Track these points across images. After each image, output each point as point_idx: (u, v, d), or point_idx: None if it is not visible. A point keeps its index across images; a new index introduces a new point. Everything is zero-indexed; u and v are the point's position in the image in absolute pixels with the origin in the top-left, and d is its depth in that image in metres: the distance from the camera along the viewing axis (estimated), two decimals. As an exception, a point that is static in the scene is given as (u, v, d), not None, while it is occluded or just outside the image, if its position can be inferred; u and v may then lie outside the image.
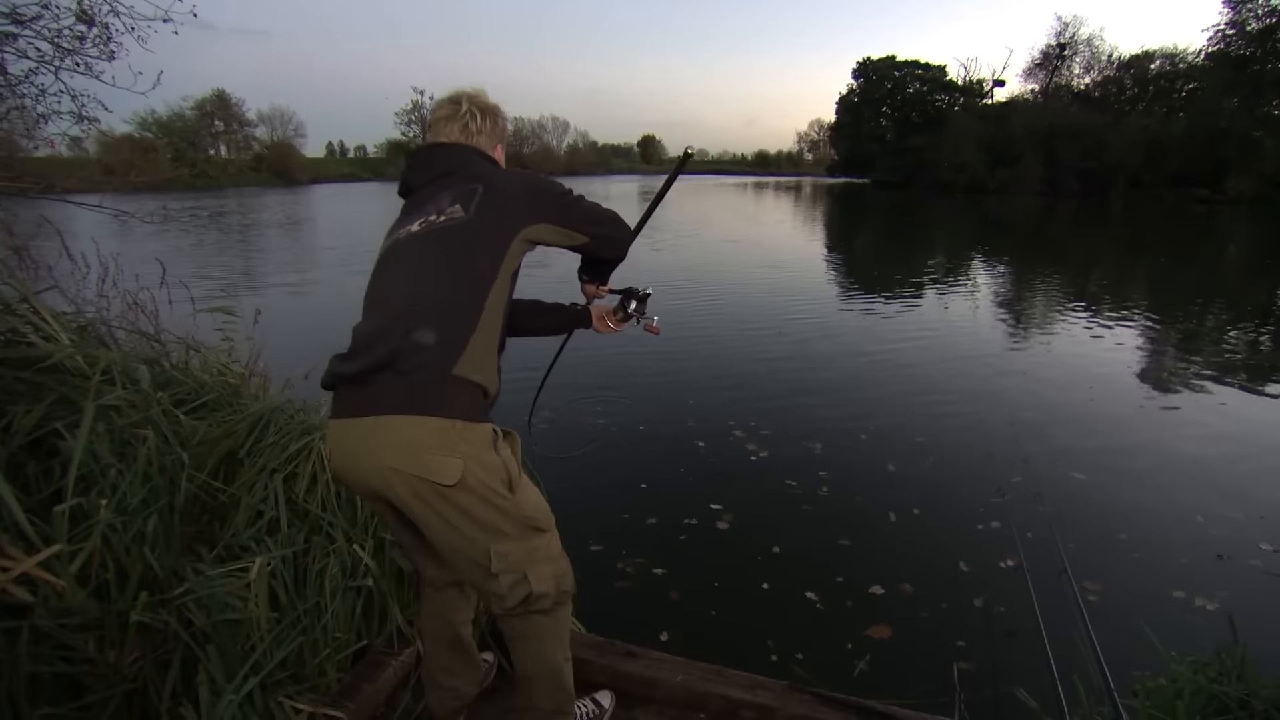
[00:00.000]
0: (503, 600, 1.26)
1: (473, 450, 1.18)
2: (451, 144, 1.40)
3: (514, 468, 1.27)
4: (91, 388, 1.93)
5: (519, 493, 1.27)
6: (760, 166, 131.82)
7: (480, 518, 1.20)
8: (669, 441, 4.18)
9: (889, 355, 6.32)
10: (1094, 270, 12.89)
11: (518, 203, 1.28)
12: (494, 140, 1.45)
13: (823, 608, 2.60)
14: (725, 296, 9.03)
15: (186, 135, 56.40)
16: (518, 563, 1.24)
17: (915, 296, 9.43)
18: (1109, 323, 7.78)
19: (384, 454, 1.14)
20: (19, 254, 2.60)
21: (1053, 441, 4.22)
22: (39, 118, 3.72)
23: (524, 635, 1.36)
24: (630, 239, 1.51)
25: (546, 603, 1.30)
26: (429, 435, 1.14)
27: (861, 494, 3.49)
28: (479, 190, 1.27)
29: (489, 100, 1.46)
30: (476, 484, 1.17)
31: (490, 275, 1.23)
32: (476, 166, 1.35)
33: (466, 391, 1.20)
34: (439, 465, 1.14)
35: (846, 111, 61.00)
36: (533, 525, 1.28)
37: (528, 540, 1.27)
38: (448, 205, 1.27)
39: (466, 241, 1.23)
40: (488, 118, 1.43)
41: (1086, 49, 50.07)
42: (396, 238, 1.31)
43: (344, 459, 1.21)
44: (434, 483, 1.14)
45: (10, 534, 1.51)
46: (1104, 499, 3.45)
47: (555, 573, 1.32)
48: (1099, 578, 2.68)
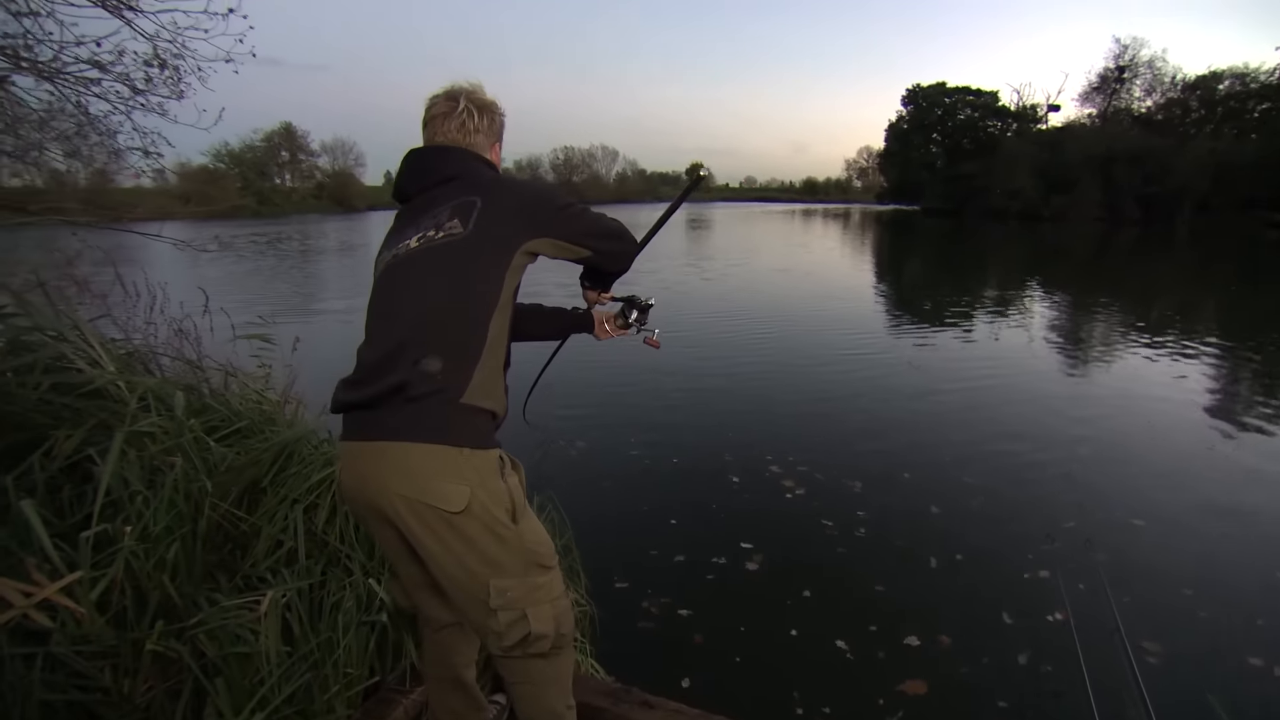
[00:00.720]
0: (500, 639, 1.22)
1: (479, 477, 1.17)
2: (449, 147, 1.34)
3: (519, 496, 1.26)
4: (127, 414, 2.00)
5: (522, 523, 1.24)
6: (808, 194, 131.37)
7: (483, 548, 1.18)
8: (703, 475, 4.10)
9: (937, 389, 6.09)
10: (1157, 299, 12.26)
11: (517, 216, 1.24)
12: (491, 139, 1.40)
13: (853, 658, 2.46)
14: (772, 327, 8.91)
15: (255, 165, 59.60)
16: (517, 600, 1.21)
17: (967, 327, 9.11)
18: (1173, 356, 7.33)
19: (391, 479, 1.15)
20: (78, 283, 2.73)
21: (1109, 483, 3.97)
22: (113, 154, 4.00)
23: (522, 680, 1.32)
24: (636, 252, 1.46)
25: (545, 645, 1.26)
26: (437, 462, 1.14)
27: (901, 537, 3.33)
28: (477, 204, 1.23)
29: (486, 97, 1.39)
30: (482, 511, 1.16)
31: (494, 297, 1.21)
32: (475, 173, 1.31)
33: (475, 418, 1.20)
34: (446, 491, 1.14)
35: (896, 138, 60.43)
36: (535, 560, 1.25)
37: (529, 577, 1.23)
38: (446, 220, 1.22)
39: (466, 262, 1.20)
40: (484, 115, 1.37)
41: (1148, 71, 48.52)
42: (395, 253, 1.26)
43: (353, 480, 1.22)
44: (440, 509, 1.14)
45: (37, 558, 1.55)
46: (1166, 549, 3.21)
47: (556, 613, 1.27)
48: (1159, 637, 2.47)
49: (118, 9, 3.17)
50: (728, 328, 8.72)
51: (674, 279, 13.24)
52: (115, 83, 3.52)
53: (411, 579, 1.38)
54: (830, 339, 8.24)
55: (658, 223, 1.58)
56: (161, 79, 3.60)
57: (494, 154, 1.41)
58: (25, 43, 3.00)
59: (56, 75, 3.27)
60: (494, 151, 1.42)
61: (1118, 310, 10.73)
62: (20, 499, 1.60)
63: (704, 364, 6.88)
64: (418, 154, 1.35)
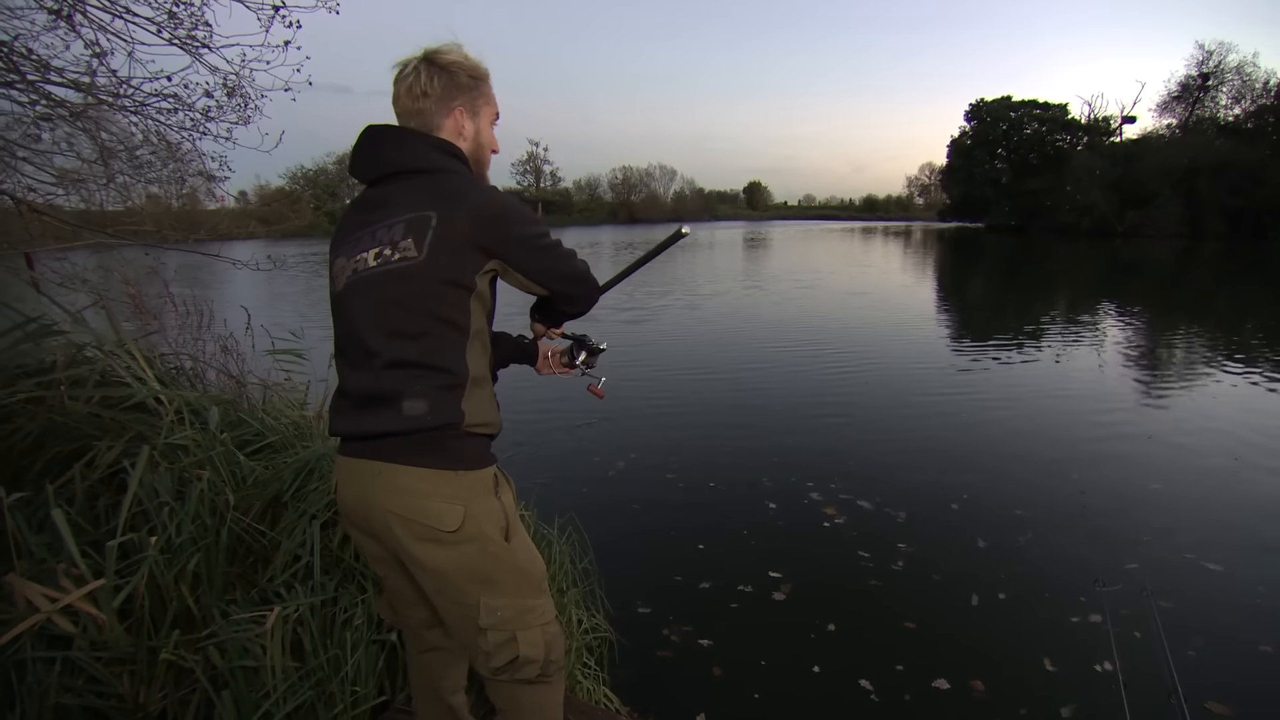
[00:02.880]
0: (489, 659, 1.22)
1: (472, 496, 1.18)
2: (404, 131, 1.24)
3: (512, 515, 1.25)
4: (163, 427, 2.09)
5: (514, 540, 1.24)
6: (868, 211, 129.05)
7: (475, 566, 1.18)
8: (738, 501, 4.00)
9: (993, 414, 5.79)
10: (1246, 320, 11.35)
11: (471, 239, 1.15)
12: (445, 104, 1.23)
13: (878, 699, 2.33)
14: (825, 350, 8.63)
15: (328, 186, 62.75)
16: (508, 621, 1.21)
17: (1033, 348, 8.60)
18: (1264, 382, 6.75)
19: (386, 497, 1.16)
20: (134, 300, 2.90)
21: (1181, 524, 3.65)
22: (197, 177, 4.31)
23: (509, 707, 1.32)
24: (596, 297, 1.38)
25: (533, 670, 1.25)
26: (430, 484, 1.15)
27: (941, 571, 3.15)
28: (431, 222, 1.13)
29: (449, 55, 1.23)
30: (475, 530, 1.17)
31: (464, 327, 1.18)
32: (430, 170, 1.19)
33: (471, 443, 1.20)
34: (440, 510, 1.15)
35: (959, 154, 58.68)
36: (527, 581, 1.24)
37: (521, 599, 1.23)
38: (400, 238, 1.14)
39: (429, 297, 1.14)
40: (435, 76, 1.21)
41: (1236, 77, 45.54)
42: (355, 269, 1.19)
43: (349, 496, 1.23)
44: (434, 527, 1.15)
45: (66, 565, 1.63)
46: (1238, 597, 2.92)
47: (546, 639, 1.26)
48: (1228, 698, 2.24)
49: (192, 46, 3.43)
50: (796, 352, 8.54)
51: (740, 303, 13.17)
52: (190, 112, 3.79)
53: (399, 595, 1.38)
54: (888, 363, 7.93)
55: (627, 270, 1.54)
56: (230, 106, 3.86)
57: (454, 118, 1.25)
58: (113, 80, 3.27)
59: (140, 108, 3.55)
60: (454, 116, 1.25)
61: (1198, 332, 10.01)
62: (57, 507, 1.69)
63: (757, 388, 6.79)
64: (368, 134, 1.25)
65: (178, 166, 4.14)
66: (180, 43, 3.40)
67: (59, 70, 3.22)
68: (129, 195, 4.26)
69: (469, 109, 1.26)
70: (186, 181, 4.24)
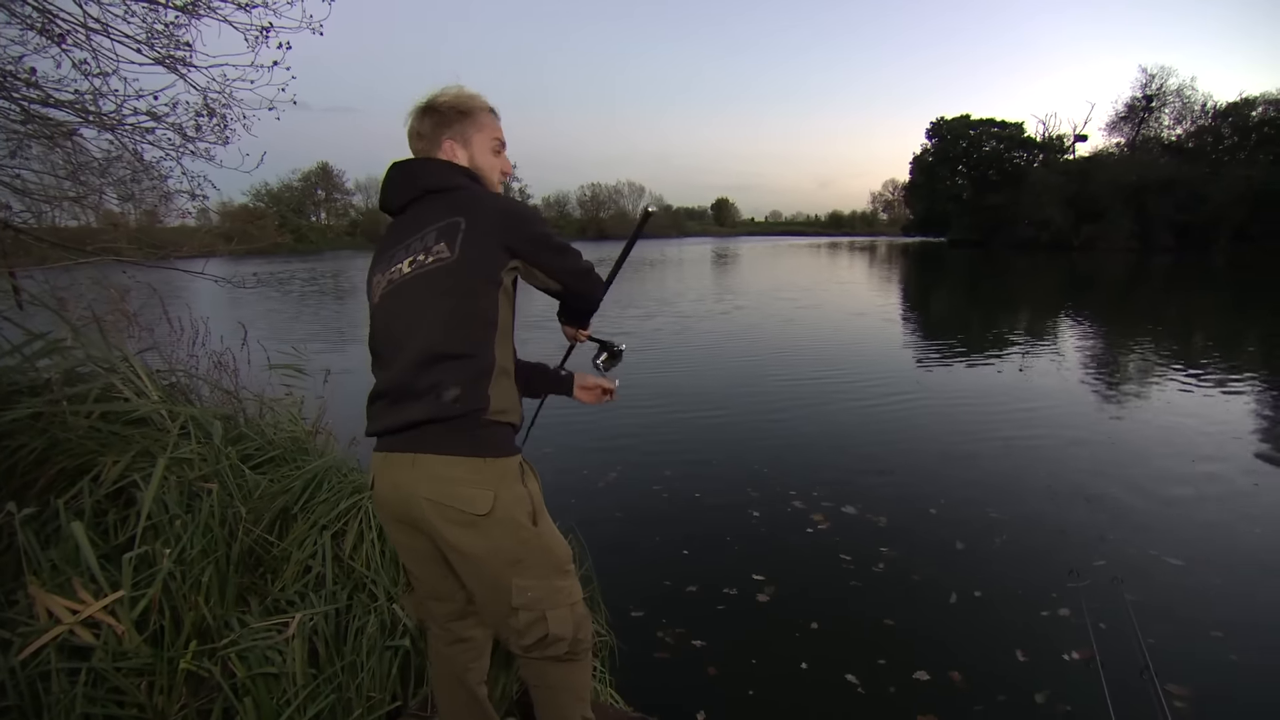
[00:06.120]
0: (520, 637, 1.30)
1: (502, 482, 1.26)
2: (428, 159, 1.39)
3: (538, 501, 1.34)
4: (169, 441, 2.11)
5: (541, 524, 1.32)
6: (833, 227, 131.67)
7: (506, 549, 1.26)
8: (723, 510, 4.09)
9: (972, 422, 6.00)
10: (1195, 329, 11.93)
11: (496, 236, 1.28)
12: (436, 140, 1.39)
13: (864, 692, 2.44)
14: (815, 366, 8.87)
15: (292, 203, 61.84)
16: (538, 600, 1.29)
17: (998, 358, 8.93)
18: (1213, 388, 7.13)
19: (420, 485, 1.24)
20: (128, 317, 2.90)
21: (1141, 520, 3.86)
22: (164, 196, 4.29)
23: (540, 683, 1.41)
24: (603, 292, 1.52)
25: (562, 648, 1.33)
26: (461, 470, 1.24)
27: (920, 572, 3.29)
28: (461, 225, 1.27)
29: (441, 98, 1.40)
30: (504, 514, 1.25)
31: (493, 318, 1.29)
32: (455, 187, 1.34)
33: (497, 431, 1.29)
34: (471, 496, 1.23)
35: (921, 171, 60.41)
36: (554, 563, 1.33)
37: (550, 579, 1.31)
38: (433, 244, 1.27)
39: (460, 289, 1.26)
40: (427, 118, 1.40)
41: (1177, 99, 48.10)
42: (390, 278, 1.32)
43: (385, 488, 1.31)
44: (466, 512, 1.23)
45: (83, 578, 1.65)
46: (1196, 589, 3.11)
47: (574, 618, 1.35)
48: (1187, 681, 2.40)
49: (173, 64, 3.43)
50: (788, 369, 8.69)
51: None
52: (168, 130, 3.78)
53: (430, 589, 1.45)
54: (872, 377, 8.14)
55: (617, 263, 1.65)
56: (210, 126, 3.86)
57: (446, 149, 1.40)
58: (92, 97, 3.26)
59: (117, 126, 3.53)
60: (445, 147, 1.39)
61: (1152, 341, 10.47)
62: (70, 521, 1.71)
63: (739, 404, 6.92)
64: (396, 166, 1.41)
65: (155, 185, 4.13)
66: (163, 61, 3.41)
67: (38, 85, 3.19)
68: (103, 213, 4.23)
69: (459, 139, 1.41)
70: (171, 199, 4.23)
